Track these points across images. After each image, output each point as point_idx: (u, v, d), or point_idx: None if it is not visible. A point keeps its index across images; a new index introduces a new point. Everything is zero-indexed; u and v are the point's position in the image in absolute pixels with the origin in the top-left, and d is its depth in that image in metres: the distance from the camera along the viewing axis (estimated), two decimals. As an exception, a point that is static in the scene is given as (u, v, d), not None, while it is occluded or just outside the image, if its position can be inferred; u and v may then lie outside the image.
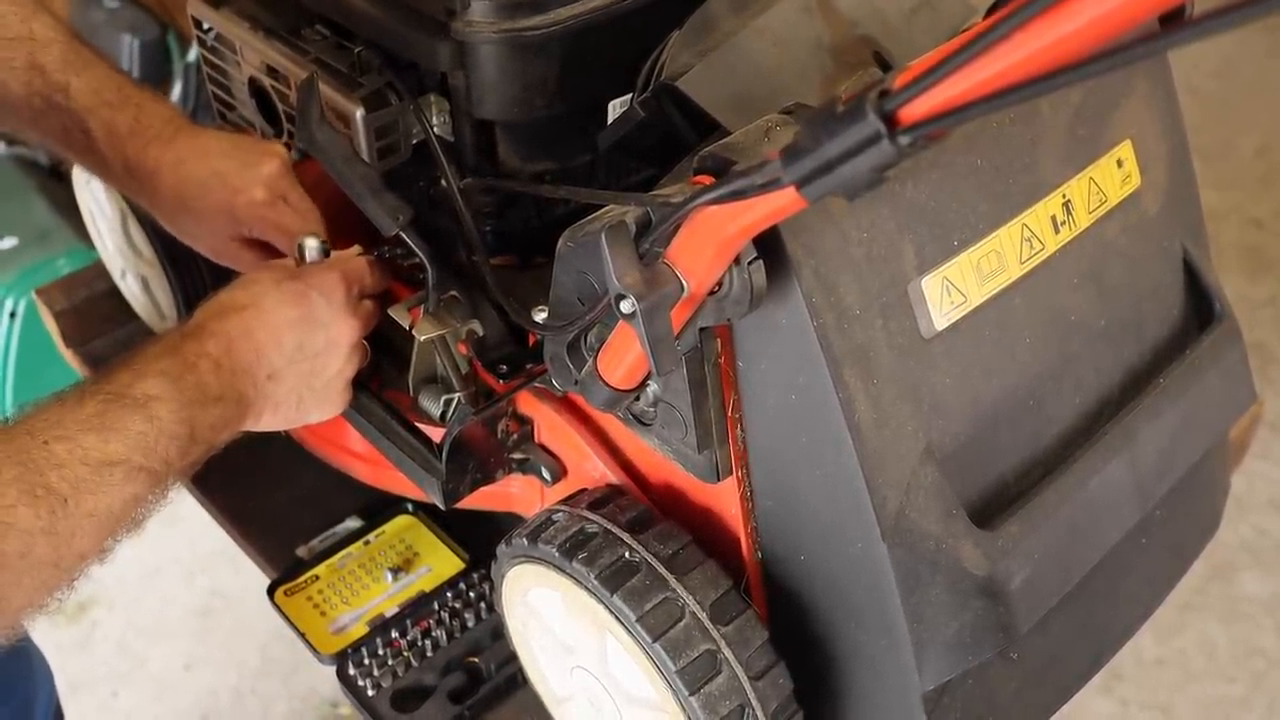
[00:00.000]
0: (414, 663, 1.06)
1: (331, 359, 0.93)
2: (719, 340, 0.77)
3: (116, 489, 0.76)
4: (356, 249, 1.03)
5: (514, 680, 1.05)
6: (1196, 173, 0.97)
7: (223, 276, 1.26)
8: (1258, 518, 2.14)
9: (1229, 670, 1.93)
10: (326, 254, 0.97)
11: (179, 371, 0.83)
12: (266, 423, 0.91)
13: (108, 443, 0.77)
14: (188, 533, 2.06)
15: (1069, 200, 0.84)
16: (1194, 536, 1.03)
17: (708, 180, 0.69)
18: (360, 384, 0.99)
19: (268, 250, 1.04)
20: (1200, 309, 0.96)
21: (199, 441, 0.83)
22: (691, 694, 0.79)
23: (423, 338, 0.95)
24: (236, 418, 0.87)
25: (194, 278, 1.25)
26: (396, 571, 1.15)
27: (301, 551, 1.20)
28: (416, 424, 1.00)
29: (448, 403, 0.97)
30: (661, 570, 0.81)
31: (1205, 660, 1.94)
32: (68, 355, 1.47)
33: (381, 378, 1.06)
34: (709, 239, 0.66)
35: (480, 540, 1.15)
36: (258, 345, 0.88)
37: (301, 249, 0.96)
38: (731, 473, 0.82)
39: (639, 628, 0.79)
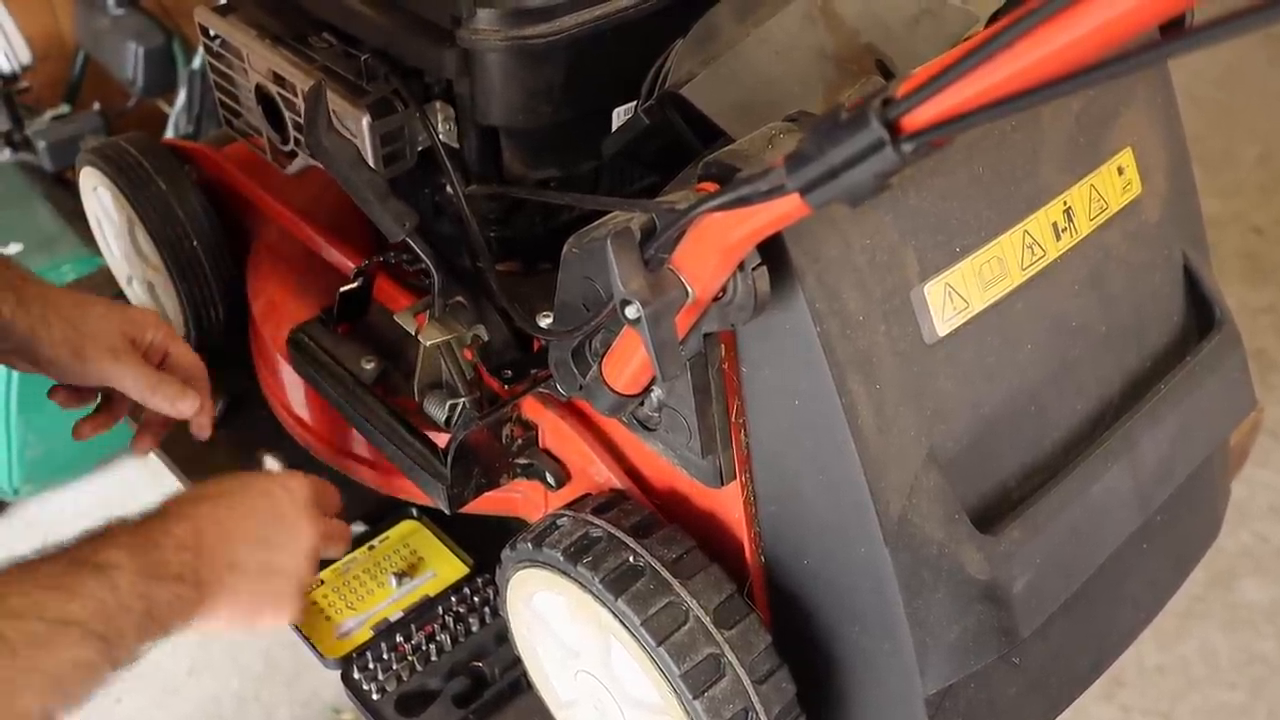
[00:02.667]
0: (418, 667, 1.06)
1: (290, 557, 0.94)
2: (723, 346, 0.78)
3: (69, 650, 0.75)
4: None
5: (518, 685, 1.05)
6: (1198, 180, 0.97)
7: (229, 285, 1.27)
8: (1259, 525, 2.14)
9: (1230, 677, 1.93)
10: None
11: (142, 546, 0.83)
12: (220, 614, 0.89)
13: (68, 602, 0.76)
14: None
15: (1070, 207, 0.85)
16: (1194, 542, 1.03)
17: (712, 187, 0.69)
18: (365, 388, 1.00)
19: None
20: (1200, 315, 0.97)
21: (155, 620, 0.82)
22: (695, 698, 0.79)
23: (428, 343, 0.95)
24: (194, 601, 0.86)
25: (200, 284, 1.26)
26: (401, 576, 1.15)
27: (306, 556, 1.20)
28: (422, 429, 1.01)
29: (453, 408, 0.98)
30: (665, 574, 0.82)
31: (1206, 667, 1.94)
32: (73, 361, 1.47)
33: (387, 383, 1.06)
34: (713, 245, 0.67)
35: (485, 545, 1.15)
36: (224, 532, 0.89)
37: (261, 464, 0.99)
38: (735, 477, 0.82)
39: (643, 631, 0.80)
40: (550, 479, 0.98)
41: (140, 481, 2.16)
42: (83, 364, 1.05)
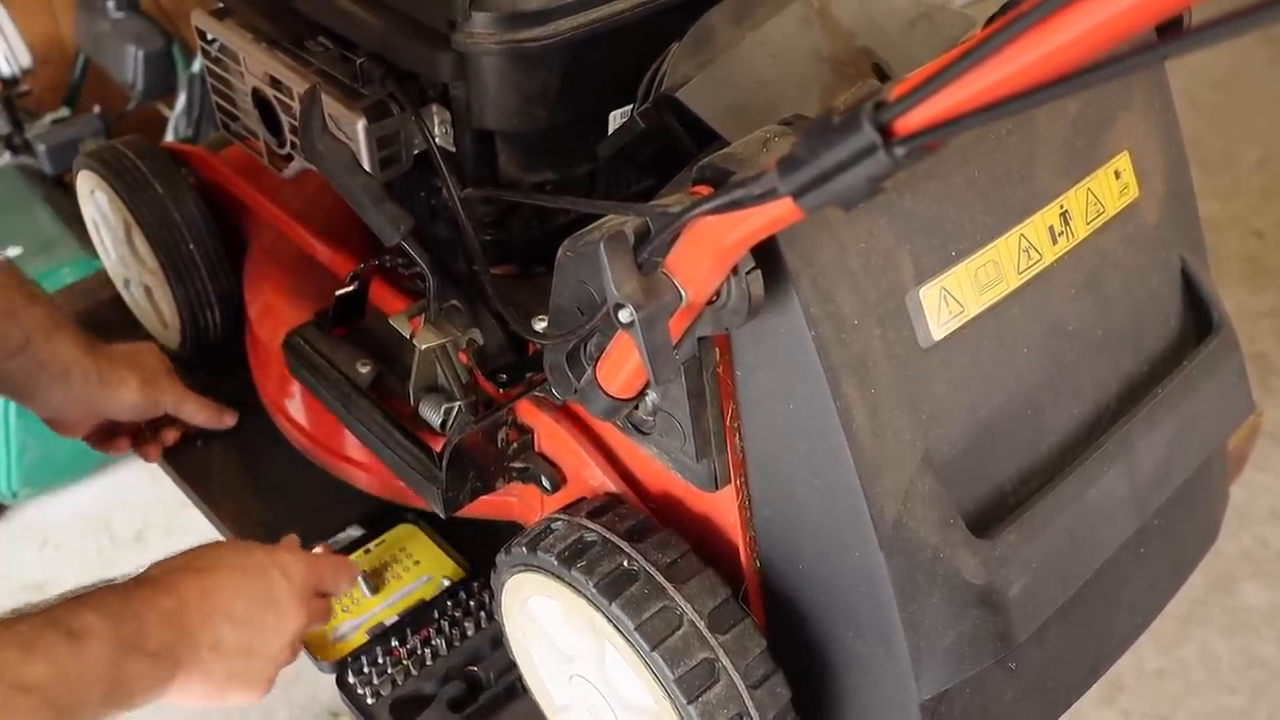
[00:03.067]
0: (413, 671, 1.06)
1: (272, 641, 0.93)
2: (717, 349, 0.78)
3: (20, 717, 0.73)
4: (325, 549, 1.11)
5: (513, 689, 1.05)
6: (1197, 183, 0.97)
7: (226, 288, 1.27)
8: (1259, 528, 2.14)
9: (1230, 681, 1.92)
10: None
11: (122, 615, 0.82)
12: (190, 693, 0.88)
13: (28, 664, 0.75)
14: (191, 543, 2.06)
15: (1067, 211, 0.85)
16: (1192, 546, 1.03)
17: (706, 190, 0.69)
18: (361, 391, 0.99)
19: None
20: (1198, 319, 0.97)
21: (122, 692, 0.81)
22: (689, 702, 0.79)
23: (424, 346, 0.95)
24: (165, 679, 0.85)
25: (197, 287, 1.26)
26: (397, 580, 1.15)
27: (302, 560, 1.20)
28: (417, 433, 1.01)
29: (448, 411, 0.97)
30: (660, 579, 0.82)
31: (1206, 671, 1.94)
32: (71, 364, 1.47)
33: (382, 387, 1.06)
34: (707, 249, 0.66)
35: (480, 548, 1.15)
36: (208, 611, 0.88)
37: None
38: (730, 481, 0.82)
39: (637, 636, 0.79)
40: (545, 483, 0.98)
41: (139, 484, 2.16)
42: (159, 399, 1.20)
